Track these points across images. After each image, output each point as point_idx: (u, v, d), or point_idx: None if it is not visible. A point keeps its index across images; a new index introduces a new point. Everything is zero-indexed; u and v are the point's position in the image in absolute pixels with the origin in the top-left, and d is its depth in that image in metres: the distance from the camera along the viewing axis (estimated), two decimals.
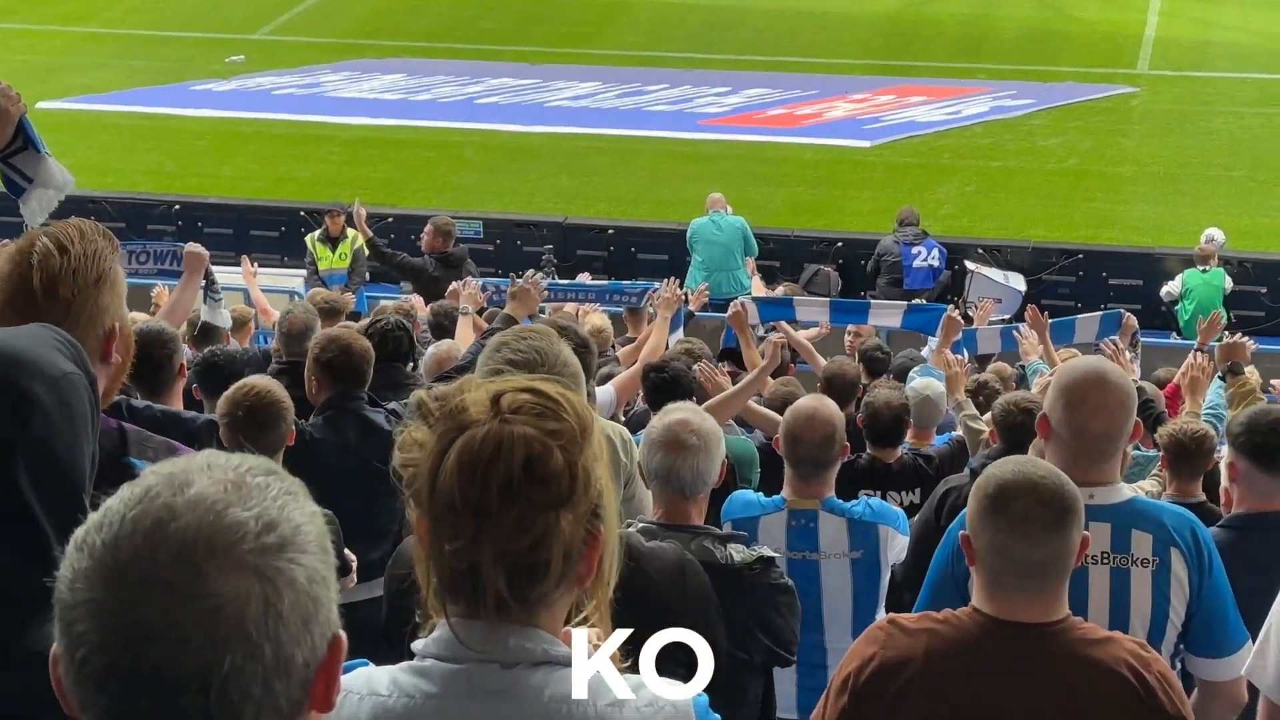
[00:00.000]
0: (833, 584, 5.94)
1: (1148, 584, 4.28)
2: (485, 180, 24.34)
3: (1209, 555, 4.33)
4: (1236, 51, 29.24)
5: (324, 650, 1.77)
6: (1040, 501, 3.48)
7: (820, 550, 5.93)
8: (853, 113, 26.77)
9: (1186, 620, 4.32)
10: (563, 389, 2.37)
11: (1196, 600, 4.32)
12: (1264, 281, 19.77)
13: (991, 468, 3.63)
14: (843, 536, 5.91)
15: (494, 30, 31.83)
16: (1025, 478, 3.51)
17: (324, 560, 1.77)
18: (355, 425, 6.82)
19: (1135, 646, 3.45)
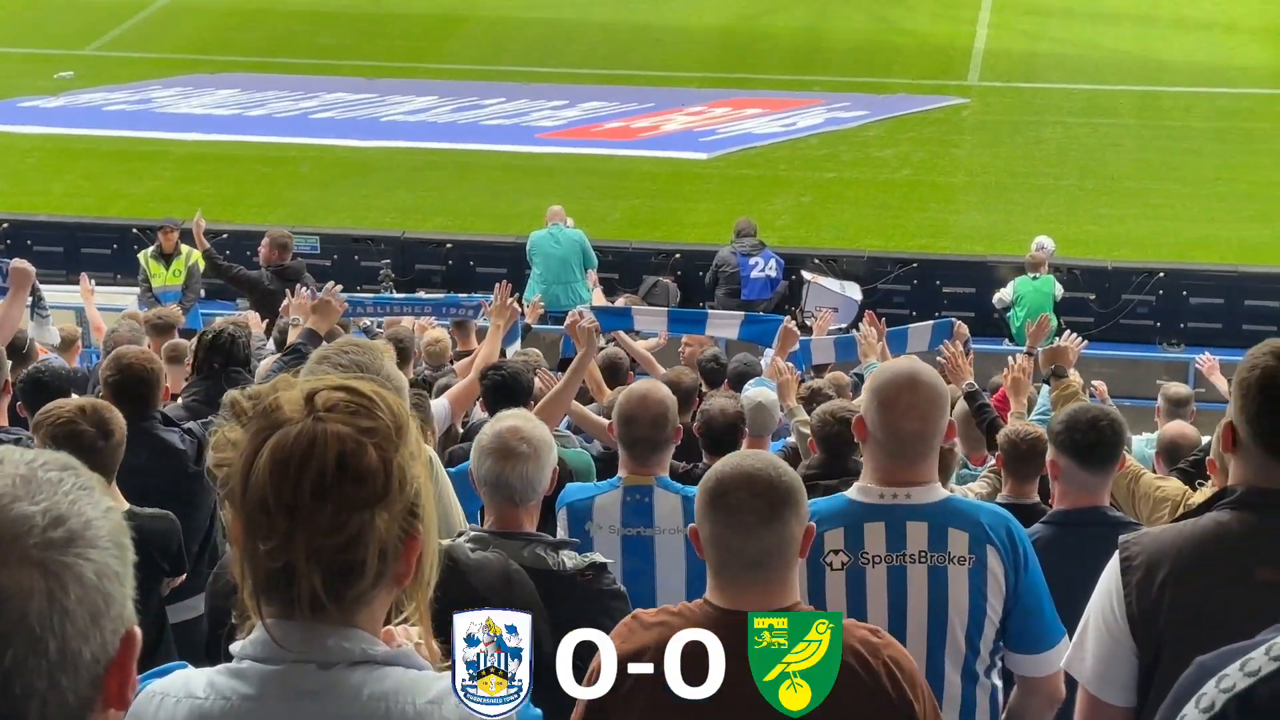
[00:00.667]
0: (667, 560, 5.99)
1: (965, 581, 4.35)
2: (322, 195, 24.17)
3: (1024, 553, 4.41)
4: (1064, 63, 29.80)
5: (116, 646, 1.74)
6: (754, 493, 3.52)
7: (655, 525, 5.98)
8: (689, 125, 26.93)
9: (1004, 617, 4.40)
10: (378, 387, 2.36)
11: (1013, 597, 4.39)
12: (1092, 288, 20.17)
13: (716, 463, 3.68)
14: (678, 512, 5.96)
15: (329, 45, 31.61)
16: (741, 470, 3.56)
17: (118, 556, 1.75)
18: (148, 446, 6.57)
19: (865, 633, 3.50)
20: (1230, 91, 27.99)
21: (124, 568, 1.76)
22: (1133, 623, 3.69)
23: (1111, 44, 30.48)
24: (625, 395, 6.22)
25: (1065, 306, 18.83)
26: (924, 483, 4.41)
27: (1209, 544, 3.69)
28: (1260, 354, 3.71)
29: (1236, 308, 19.83)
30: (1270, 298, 19.85)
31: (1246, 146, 25.55)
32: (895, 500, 4.37)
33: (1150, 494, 6.72)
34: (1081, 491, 5.49)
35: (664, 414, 6.04)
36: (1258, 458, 3.70)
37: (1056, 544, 5.28)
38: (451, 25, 32.61)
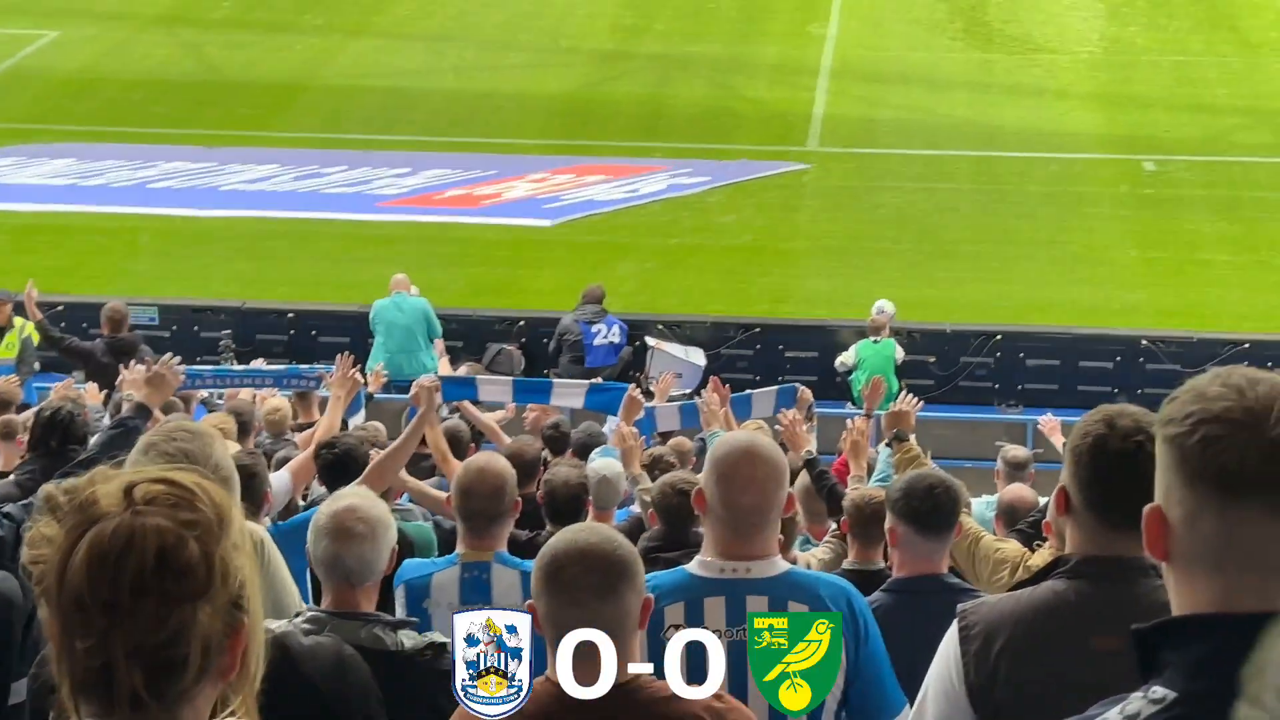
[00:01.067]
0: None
1: None
2: (161, 266, 23.88)
3: (865, 624, 4.42)
4: (901, 129, 30.24)
5: None
6: (590, 568, 3.52)
7: (493, 602, 5.94)
8: (532, 192, 26.96)
9: (845, 688, 4.41)
10: (199, 478, 2.31)
11: (854, 669, 4.40)
12: (932, 351, 20.45)
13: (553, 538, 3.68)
14: (516, 588, 5.93)
15: (166, 114, 31.26)
16: (575, 545, 3.56)
17: None
18: None
19: (710, 701, 3.51)
20: (1062, 156, 28.56)
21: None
22: (971, 691, 3.71)
23: (947, 110, 30.99)
24: (464, 468, 6.22)
25: (906, 369, 19.07)
26: (764, 556, 4.42)
27: (1045, 613, 3.73)
28: (1092, 421, 3.77)
29: (1071, 369, 20.20)
30: (1103, 358, 20.25)
31: (1078, 210, 26.06)
32: (735, 574, 4.37)
33: (990, 556, 6.79)
34: (920, 558, 5.53)
35: (501, 486, 6.02)
36: (1090, 524, 3.75)
37: (896, 612, 5.31)
38: (292, 93, 32.43)
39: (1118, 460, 3.66)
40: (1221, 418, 2.30)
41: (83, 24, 35.30)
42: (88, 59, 34.17)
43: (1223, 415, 2.30)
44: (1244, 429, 2.29)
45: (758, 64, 33.62)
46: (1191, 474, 2.31)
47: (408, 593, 5.93)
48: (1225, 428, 2.29)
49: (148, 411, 7.04)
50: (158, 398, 7.33)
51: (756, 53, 34.11)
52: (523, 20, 35.68)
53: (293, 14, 36.00)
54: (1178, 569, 2.36)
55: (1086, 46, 33.87)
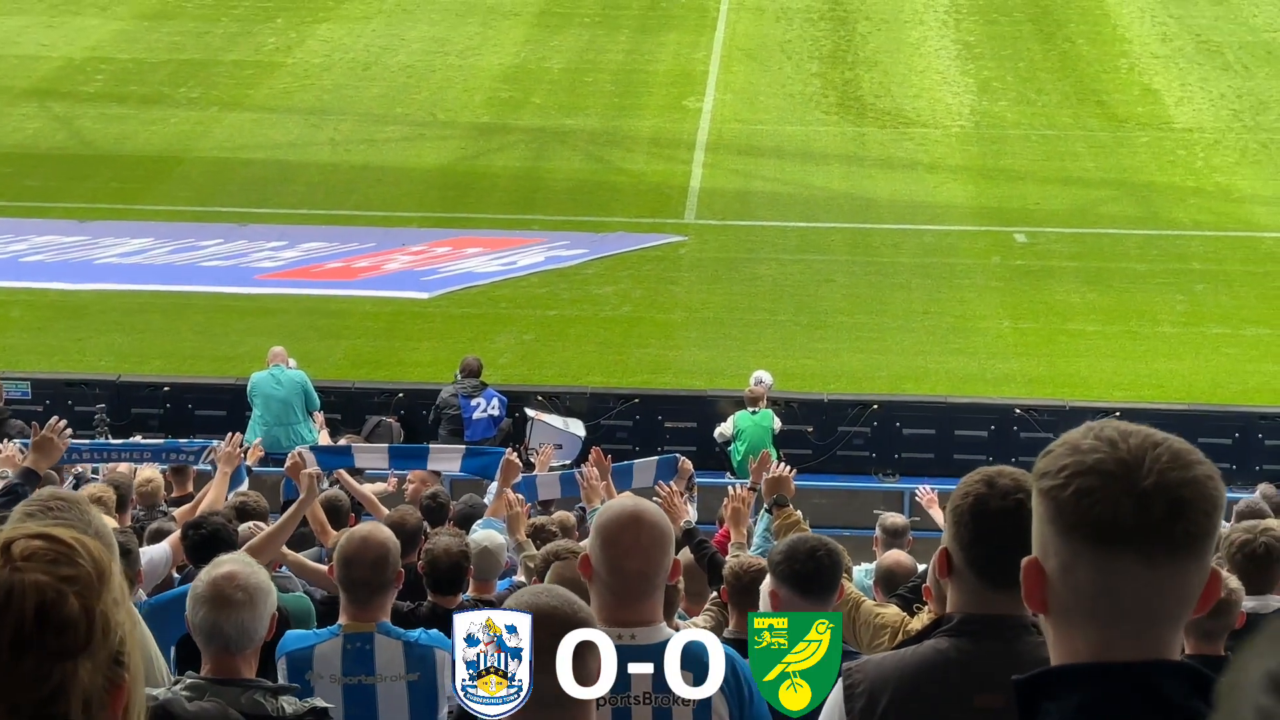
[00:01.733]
0: (389, 709, 5.92)
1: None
2: (33, 340, 23.58)
3: (749, 690, 4.43)
4: (776, 201, 30.51)
5: None
6: (552, 634, 3.53)
7: (377, 673, 5.90)
8: (411, 264, 26.90)
9: None
10: (78, 534, 2.29)
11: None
12: (809, 420, 20.58)
13: (508, 600, 3.68)
14: (399, 659, 5.91)
15: (37, 187, 30.95)
16: (537, 609, 3.56)
17: None
18: None
19: None
20: (935, 228, 28.94)
21: None
22: None
23: (822, 182, 31.33)
24: (346, 537, 6.18)
25: (783, 439, 19.18)
26: (649, 622, 4.42)
27: (928, 671, 3.77)
28: (973, 482, 3.81)
29: (947, 437, 20.41)
30: (978, 427, 20.47)
31: (951, 281, 26.39)
32: (620, 640, 4.37)
33: (870, 621, 6.82)
34: None
35: (385, 556, 5.99)
36: (972, 584, 3.79)
37: None
38: (166, 165, 32.21)
39: (998, 519, 3.71)
40: (1095, 469, 2.35)
41: None
42: None
43: (1096, 467, 2.35)
44: (1117, 480, 2.33)
45: (635, 137, 33.84)
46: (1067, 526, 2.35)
47: (290, 664, 5.88)
48: (1098, 479, 2.34)
49: (35, 476, 6.97)
50: (45, 462, 7.25)
51: (633, 126, 34.35)
52: (400, 94, 35.74)
53: (168, 87, 35.82)
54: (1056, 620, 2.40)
55: (958, 120, 34.40)
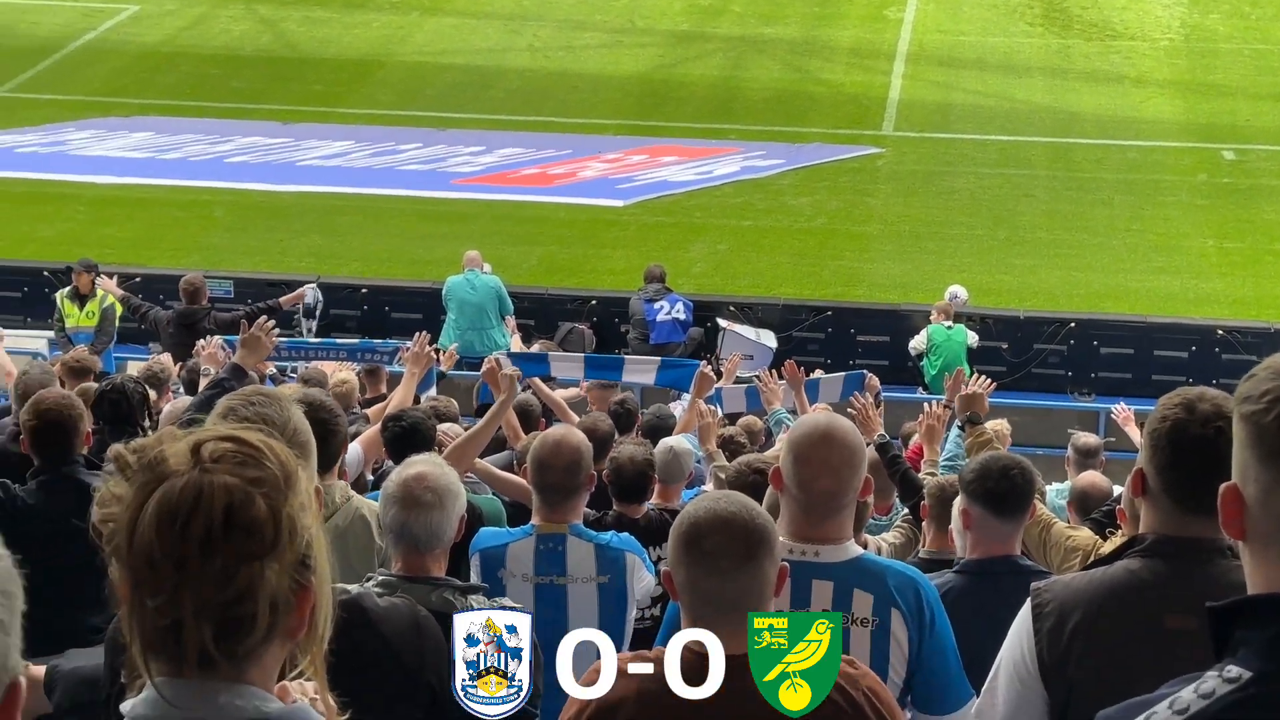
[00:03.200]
0: (580, 610, 5.97)
1: (867, 643, 4.33)
2: (236, 240, 24.03)
3: (931, 614, 4.38)
4: (977, 114, 30.06)
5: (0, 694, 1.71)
6: (731, 537, 3.52)
7: (568, 574, 5.96)
8: (606, 172, 26.97)
9: (908, 678, 4.38)
10: (266, 436, 2.31)
11: (916, 660, 4.37)
12: (1004, 337, 20.32)
13: (689, 505, 3.67)
14: (590, 561, 5.95)
15: (244, 89, 31.47)
16: (716, 515, 3.55)
17: (4, 604, 1.71)
18: (71, 490, 6.49)
19: (842, 665, 3.49)
20: (1140, 144, 28.32)
21: (9, 615, 1.72)
22: (1043, 670, 3.69)
23: (1024, 95, 30.79)
24: (540, 441, 6.20)
25: (978, 356, 18.95)
26: (835, 540, 4.38)
27: (1119, 592, 3.70)
28: (1170, 405, 3.72)
29: (1146, 358, 20.03)
30: (1178, 348, 20.06)
31: (1154, 198, 25.85)
32: (804, 557, 4.34)
33: (1061, 543, 6.72)
34: (994, 540, 5.49)
35: (577, 461, 6.02)
36: (1166, 506, 3.72)
37: (968, 594, 5.27)
38: (367, 70, 32.55)
39: (1196, 445, 3.62)
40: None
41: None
42: (167, 33, 34.42)
43: None
44: None
45: (834, 47, 33.49)
46: (1268, 451, 2.27)
47: (483, 561, 5.94)
48: None
49: (243, 372, 7.06)
50: (252, 359, 7.33)
51: (833, 36, 33.98)
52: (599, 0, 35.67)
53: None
54: (1253, 548, 2.33)
55: (1167, 34, 33.55)
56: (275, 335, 7.54)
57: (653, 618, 6.79)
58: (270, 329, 7.51)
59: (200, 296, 16.36)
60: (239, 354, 7.37)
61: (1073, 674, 3.66)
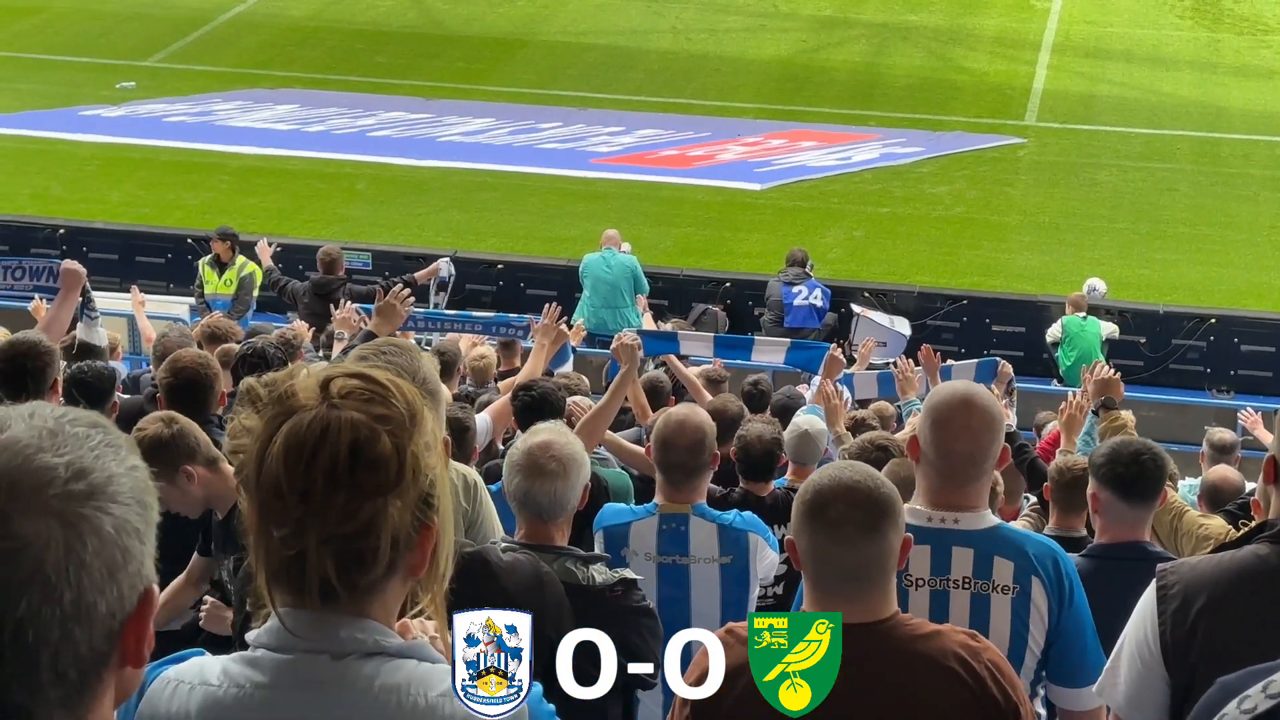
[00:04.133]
0: (702, 589, 5.97)
1: (1007, 611, 4.31)
2: (376, 213, 24.27)
3: (1070, 586, 4.37)
4: (1122, 106, 29.69)
5: (133, 602, 1.76)
6: (854, 505, 3.50)
7: (690, 554, 5.96)
8: (744, 155, 26.93)
9: (1046, 648, 4.36)
10: (393, 376, 2.35)
11: (1055, 630, 4.35)
12: (1143, 331, 20.05)
13: (813, 474, 3.65)
14: (713, 542, 5.95)
15: (388, 64, 31.76)
16: (840, 483, 3.53)
17: (140, 513, 1.76)
18: None
19: (964, 637, 3.48)
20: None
21: (145, 525, 1.77)
22: (1166, 651, 3.65)
23: (1170, 89, 30.36)
24: (663, 420, 6.18)
25: (1115, 349, 18.72)
26: (973, 508, 4.38)
27: (1246, 577, 3.65)
28: None
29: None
30: None
31: None
32: (943, 524, 4.34)
33: (1193, 531, 6.64)
34: (1122, 525, 5.43)
35: (701, 440, 6.00)
36: None
37: (1095, 577, 5.22)
38: (510, 48, 32.73)
39: None
40: None
41: None
42: (314, 7, 34.80)
43: None
44: None
45: (979, 36, 33.21)
46: None
47: (606, 538, 5.96)
48: None
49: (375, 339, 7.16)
50: (386, 328, 7.40)
51: (978, 24, 33.70)
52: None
53: None
54: None
55: None
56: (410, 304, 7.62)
57: (775, 596, 6.79)
58: (405, 297, 7.60)
59: (337, 267, 16.58)
60: (373, 321, 7.47)
61: (1195, 657, 3.61)
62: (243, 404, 2.34)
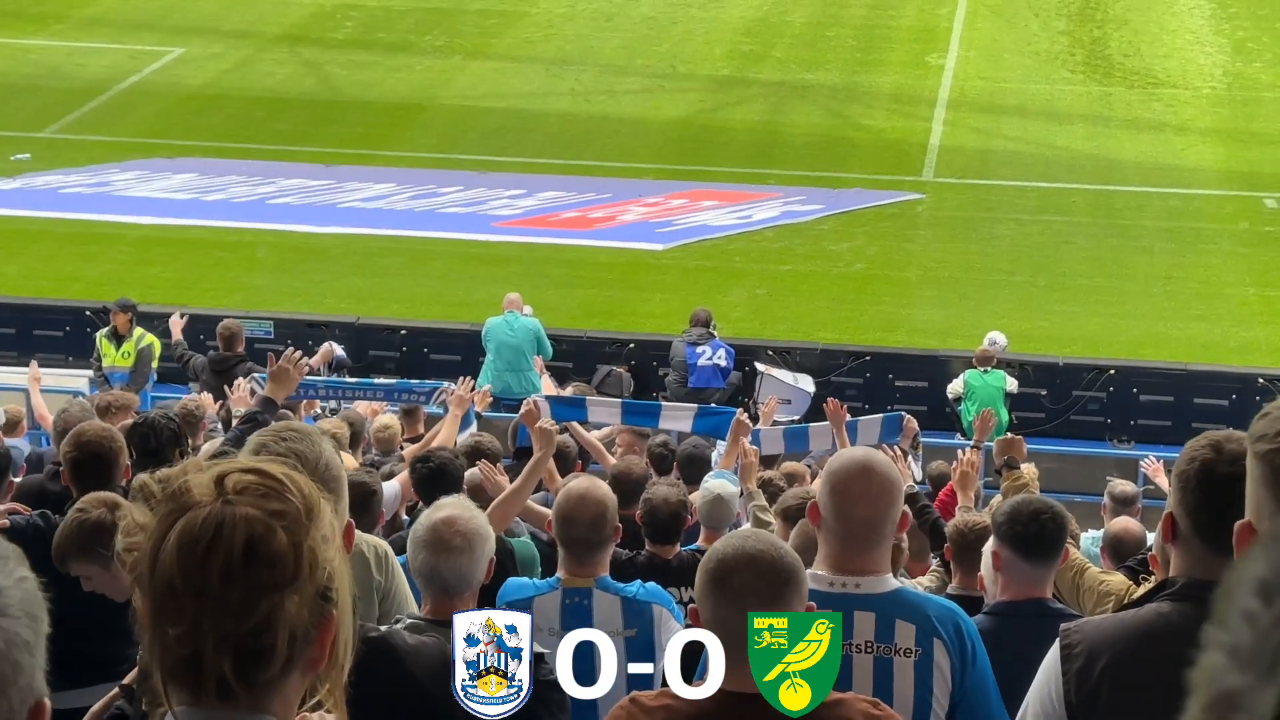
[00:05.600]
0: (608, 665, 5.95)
1: (910, 674, 4.34)
2: (277, 281, 24.15)
3: (972, 646, 4.40)
4: (1017, 161, 30.04)
5: (24, 717, 1.73)
6: (758, 575, 3.51)
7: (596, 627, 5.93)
8: (645, 216, 27.02)
9: (951, 710, 4.38)
10: (289, 469, 2.33)
11: (960, 690, 4.38)
12: (1044, 384, 20.27)
13: (717, 543, 3.66)
14: (617, 615, 5.93)
15: (287, 131, 31.65)
16: (743, 553, 3.54)
17: (29, 625, 1.73)
18: None
19: (866, 706, 3.49)
20: (1181, 191, 28.26)
21: (35, 637, 1.74)
22: (1071, 710, 3.68)
23: (1065, 142, 30.76)
24: (564, 495, 6.16)
25: (1017, 402, 18.91)
26: (874, 572, 4.40)
27: (1149, 635, 3.69)
28: (1199, 446, 3.72)
29: (1186, 406, 19.94)
30: (1218, 395, 19.97)
31: (1196, 246, 25.78)
32: (845, 589, 4.36)
33: (1095, 588, 6.70)
34: (1024, 583, 5.48)
35: (602, 514, 5.99)
36: (1197, 549, 3.70)
37: (997, 635, 5.26)
38: (410, 113, 32.72)
39: (1225, 485, 3.60)
40: None
41: (208, 41, 35.83)
42: (211, 75, 34.66)
43: None
44: None
45: (875, 93, 33.54)
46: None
47: None
48: None
49: (274, 405, 7.11)
50: (282, 392, 7.34)
51: (874, 82, 34.03)
52: (640, 45, 35.81)
53: (414, 34, 36.33)
54: None
55: (1209, 82, 33.50)
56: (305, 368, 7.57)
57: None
58: (298, 360, 7.54)
59: (236, 343, 16.45)
60: (268, 387, 7.41)
61: (1100, 716, 3.64)
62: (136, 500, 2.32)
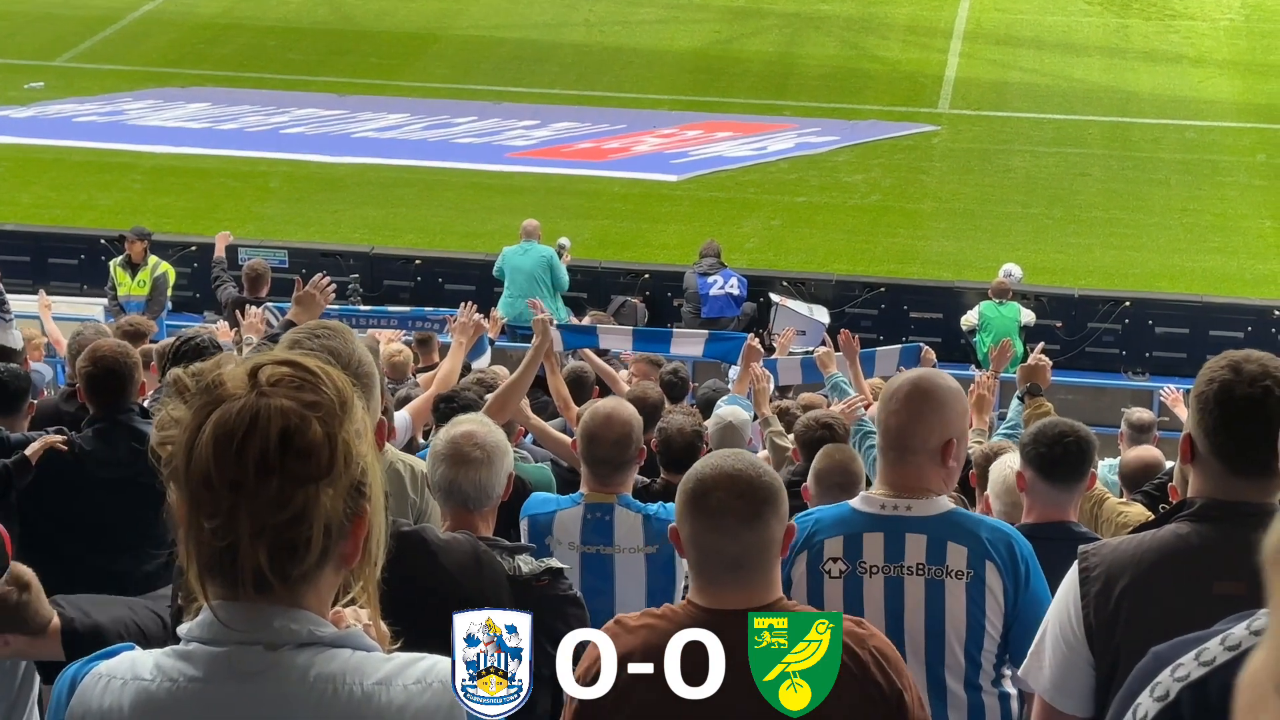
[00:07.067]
0: (627, 579, 5.96)
1: (962, 596, 4.34)
2: (291, 210, 24.12)
3: (1026, 569, 4.38)
4: (1033, 93, 29.90)
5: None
6: (735, 494, 3.49)
7: (615, 544, 5.95)
8: (660, 147, 26.94)
9: (1005, 632, 4.38)
10: (323, 363, 2.33)
11: (1013, 614, 4.37)
12: (1059, 316, 20.21)
13: (696, 463, 3.65)
14: (638, 531, 5.94)
15: (300, 61, 31.56)
16: (721, 471, 3.52)
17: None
18: (125, 437, 6.59)
19: (850, 624, 3.48)
20: (1198, 124, 28.13)
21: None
22: (1090, 633, 3.67)
23: (1081, 75, 30.61)
24: (590, 413, 6.15)
25: (1032, 334, 18.86)
26: (927, 493, 4.40)
27: (1167, 556, 3.68)
28: (1217, 367, 3.70)
29: (1201, 337, 19.88)
30: (1234, 328, 19.91)
31: (1212, 179, 25.68)
32: (896, 511, 4.37)
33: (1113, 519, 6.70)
34: (1048, 506, 5.48)
35: (628, 434, 5.99)
36: (1216, 470, 3.69)
37: None
38: (424, 43, 32.60)
39: (1243, 405, 3.60)
40: None
41: None
42: (224, 5, 34.54)
43: None
44: None
45: (890, 25, 33.36)
46: None
47: (531, 526, 5.95)
48: None
49: None
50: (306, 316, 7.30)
51: (889, 13, 33.85)
52: None
53: None
54: None
55: (1227, 14, 33.29)
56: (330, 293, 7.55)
57: None
58: (325, 286, 7.51)
59: (261, 284, 16.13)
60: (292, 311, 7.39)
61: (1119, 638, 3.63)
62: (170, 394, 2.32)
